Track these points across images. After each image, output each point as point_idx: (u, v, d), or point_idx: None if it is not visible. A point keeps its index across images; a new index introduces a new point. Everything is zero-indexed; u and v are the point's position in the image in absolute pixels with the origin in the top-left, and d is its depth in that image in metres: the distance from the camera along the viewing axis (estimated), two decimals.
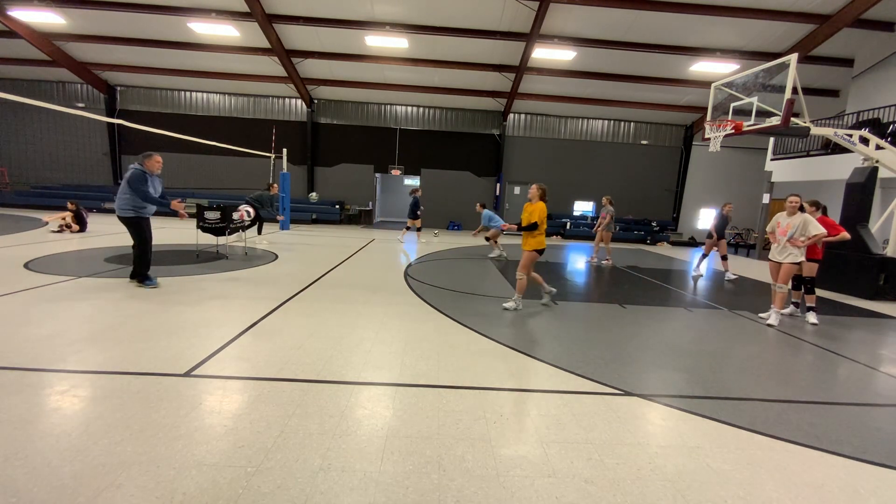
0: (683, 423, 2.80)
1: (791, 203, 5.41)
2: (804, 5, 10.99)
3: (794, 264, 5.42)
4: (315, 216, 17.11)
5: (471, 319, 4.84)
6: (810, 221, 5.32)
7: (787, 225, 5.42)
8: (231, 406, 2.66)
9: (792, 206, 5.41)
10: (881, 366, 4.21)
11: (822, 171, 11.71)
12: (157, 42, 14.54)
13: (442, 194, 18.52)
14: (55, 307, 4.40)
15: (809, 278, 5.77)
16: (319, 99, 17.93)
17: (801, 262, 5.45)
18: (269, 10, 12.70)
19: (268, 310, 4.74)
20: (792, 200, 5.40)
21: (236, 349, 3.58)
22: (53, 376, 2.91)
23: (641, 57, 13.66)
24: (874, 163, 8.27)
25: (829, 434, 2.76)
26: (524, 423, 2.66)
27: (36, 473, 1.95)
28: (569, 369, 3.56)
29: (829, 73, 13.86)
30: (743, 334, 5.01)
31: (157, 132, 9.85)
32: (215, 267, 6.99)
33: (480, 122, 18.24)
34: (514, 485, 2.08)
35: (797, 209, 5.43)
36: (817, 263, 5.83)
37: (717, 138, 8.48)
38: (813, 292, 5.77)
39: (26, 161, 17.79)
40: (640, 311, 5.80)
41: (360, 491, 1.97)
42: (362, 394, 2.92)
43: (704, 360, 4.03)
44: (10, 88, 16.52)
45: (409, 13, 12.49)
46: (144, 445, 2.20)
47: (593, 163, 18.64)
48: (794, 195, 5.44)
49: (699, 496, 2.08)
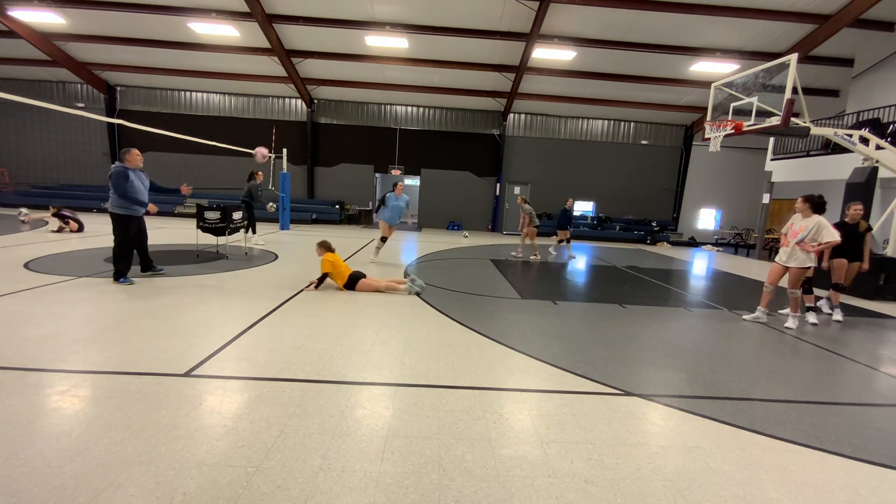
0: (683, 423, 2.80)
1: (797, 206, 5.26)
2: (804, 5, 10.99)
3: (802, 269, 5.19)
4: (315, 216, 17.11)
5: (471, 319, 4.84)
6: (825, 227, 5.03)
7: (801, 227, 5.20)
8: (231, 406, 2.66)
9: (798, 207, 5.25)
10: (881, 366, 4.21)
11: (822, 171, 11.72)
12: (157, 42, 14.54)
13: (442, 194, 18.53)
14: (55, 307, 4.40)
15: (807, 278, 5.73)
16: (319, 99, 17.93)
17: (810, 266, 5.20)
18: (269, 10, 12.71)
19: (268, 310, 4.74)
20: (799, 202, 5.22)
21: (236, 349, 3.58)
22: (53, 376, 2.91)
23: (641, 57, 13.67)
24: (874, 163, 8.27)
25: (829, 434, 2.76)
26: (524, 423, 2.66)
27: (36, 473, 1.95)
28: (569, 369, 3.56)
29: (829, 73, 13.86)
30: (743, 334, 5.00)
31: (157, 132, 9.83)
32: (215, 267, 6.99)
33: (480, 122, 18.24)
34: (514, 485, 2.08)
35: (811, 212, 5.19)
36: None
37: (717, 138, 8.48)
38: (811, 292, 5.75)
39: (26, 161, 17.79)
40: (640, 311, 5.80)
41: (360, 491, 1.97)
42: (362, 394, 2.92)
43: (704, 360, 4.02)
44: (10, 88, 16.47)
45: (409, 13, 12.50)
46: (144, 445, 2.20)
47: (593, 163, 18.65)
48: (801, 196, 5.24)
49: (699, 496, 2.08)
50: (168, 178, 17.96)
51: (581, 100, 16.76)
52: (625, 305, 6.04)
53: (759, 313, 5.57)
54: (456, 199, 18.48)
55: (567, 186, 18.68)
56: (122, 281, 5.57)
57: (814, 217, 5.15)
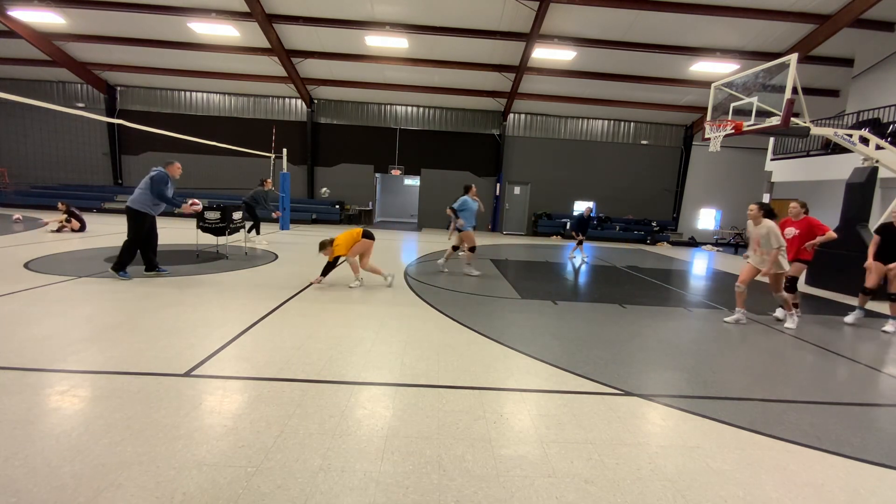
0: (683, 423, 2.80)
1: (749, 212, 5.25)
2: (804, 5, 10.99)
3: (777, 273, 5.28)
4: (315, 216, 17.12)
5: (471, 319, 4.84)
6: (773, 232, 5.08)
7: (757, 234, 5.27)
8: (231, 406, 2.66)
9: (750, 213, 5.25)
10: (881, 366, 4.21)
11: (822, 171, 11.71)
12: (157, 42, 14.54)
13: (442, 194, 18.50)
14: (55, 307, 4.40)
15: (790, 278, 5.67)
16: (319, 99, 17.93)
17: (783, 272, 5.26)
18: (269, 10, 12.70)
19: (268, 310, 4.74)
20: (750, 209, 5.25)
21: (236, 349, 3.58)
22: (53, 376, 2.91)
23: (641, 57, 13.66)
24: (874, 163, 8.26)
25: (829, 434, 2.76)
26: (524, 423, 2.66)
27: (36, 473, 1.95)
28: (569, 369, 3.56)
29: (829, 73, 13.86)
30: (743, 334, 5.00)
31: (157, 132, 9.83)
32: (215, 267, 6.99)
33: (480, 122, 18.24)
34: (514, 485, 2.08)
35: (760, 217, 5.19)
36: (805, 264, 5.76)
37: (717, 138, 8.47)
38: (793, 291, 5.64)
39: (26, 161, 17.79)
40: (640, 311, 5.80)
41: (360, 491, 1.97)
42: (362, 394, 2.92)
43: (704, 359, 4.02)
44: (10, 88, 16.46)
45: (408, 13, 12.49)
46: (144, 445, 2.20)
47: (593, 163, 18.64)
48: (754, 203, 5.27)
49: (699, 496, 2.08)
50: None
51: (581, 100, 16.76)
52: (625, 305, 6.04)
53: (740, 314, 5.45)
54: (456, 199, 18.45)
55: (567, 186, 18.69)
56: (121, 274, 5.68)
57: (763, 223, 5.17)
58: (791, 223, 5.78)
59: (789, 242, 5.61)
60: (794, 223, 5.75)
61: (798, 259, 5.66)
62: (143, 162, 17.61)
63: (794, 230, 5.68)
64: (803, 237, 5.60)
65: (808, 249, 5.58)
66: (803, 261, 5.71)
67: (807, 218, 5.69)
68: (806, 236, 5.59)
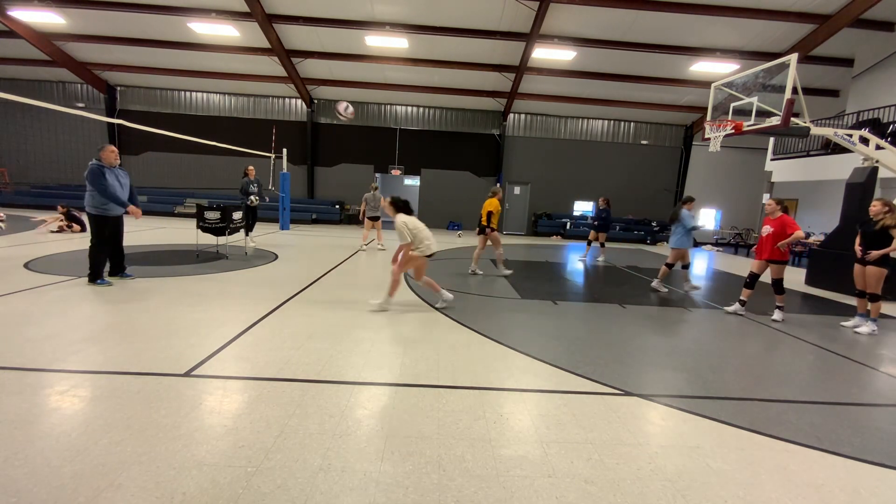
0: (683, 423, 2.80)
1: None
2: (804, 5, 10.99)
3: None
4: (315, 216, 17.12)
5: (471, 319, 4.84)
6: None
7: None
8: (231, 406, 2.66)
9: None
10: (881, 366, 4.21)
11: (822, 171, 11.71)
12: (157, 42, 14.53)
13: (442, 194, 18.51)
14: (55, 307, 4.40)
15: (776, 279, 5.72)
16: (319, 99, 17.92)
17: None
18: (269, 10, 12.70)
19: (268, 310, 4.74)
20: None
21: (236, 349, 3.58)
22: (53, 376, 2.91)
23: (641, 57, 13.66)
24: (874, 163, 8.26)
25: (829, 434, 2.76)
26: (524, 423, 2.66)
27: (36, 473, 1.95)
28: (569, 369, 3.56)
29: (829, 73, 13.85)
30: (743, 334, 5.01)
31: (157, 132, 9.83)
32: (215, 267, 6.99)
33: (480, 122, 18.23)
34: (514, 485, 2.08)
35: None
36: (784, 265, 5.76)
37: (717, 138, 8.47)
38: (781, 292, 5.73)
39: (26, 161, 17.77)
40: (640, 311, 5.80)
41: (360, 491, 1.97)
42: (362, 394, 2.92)
43: (704, 359, 4.02)
44: (10, 88, 16.47)
45: (409, 13, 12.49)
46: (144, 445, 2.20)
47: (593, 163, 18.63)
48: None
49: (699, 496, 2.08)
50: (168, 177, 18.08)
51: (581, 100, 16.75)
52: (625, 305, 6.04)
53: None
54: (456, 199, 18.45)
55: (567, 186, 18.68)
56: (99, 282, 5.36)
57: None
58: (768, 221, 5.80)
59: (763, 240, 5.70)
60: (770, 221, 5.76)
61: (773, 260, 5.67)
62: (143, 162, 17.58)
63: (770, 228, 5.68)
64: (777, 235, 5.60)
65: (781, 249, 5.59)
66: (780, 261, 5.70)
67: (782, 216, 5.68)
68: (779, 235, 5.58)
